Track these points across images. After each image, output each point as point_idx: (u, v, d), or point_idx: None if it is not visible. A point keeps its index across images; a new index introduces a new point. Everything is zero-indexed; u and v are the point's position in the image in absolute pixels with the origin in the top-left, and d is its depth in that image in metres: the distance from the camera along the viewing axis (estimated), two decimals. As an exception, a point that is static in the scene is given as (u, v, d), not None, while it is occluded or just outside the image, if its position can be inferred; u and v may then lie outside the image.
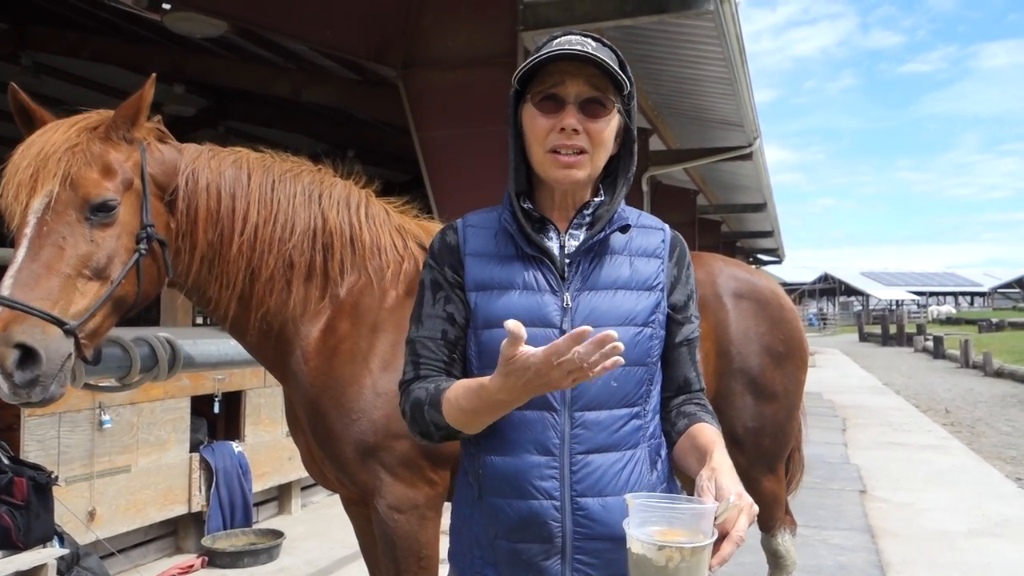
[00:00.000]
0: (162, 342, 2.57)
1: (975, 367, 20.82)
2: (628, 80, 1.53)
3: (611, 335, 1.23)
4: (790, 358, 3.05)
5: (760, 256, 28.26)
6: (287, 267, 2.30)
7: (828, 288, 78.87)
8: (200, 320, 8.39)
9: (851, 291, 77.64)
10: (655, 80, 8.15)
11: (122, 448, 4.67)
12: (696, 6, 5.55)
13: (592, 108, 1.50)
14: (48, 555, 3.76)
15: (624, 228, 1.59)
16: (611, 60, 1.50)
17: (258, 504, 5.89)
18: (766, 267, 31.84)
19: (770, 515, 3.15)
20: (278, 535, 5.29)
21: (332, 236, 2.35)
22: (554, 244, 1.58)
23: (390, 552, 2.28)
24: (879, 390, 15.89)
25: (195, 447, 5.25)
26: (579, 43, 1.49)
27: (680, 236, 1.70)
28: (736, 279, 3.04)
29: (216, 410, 5.37)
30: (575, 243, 1.58)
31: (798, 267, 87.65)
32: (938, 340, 25.97)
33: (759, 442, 2.99)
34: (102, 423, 4.50)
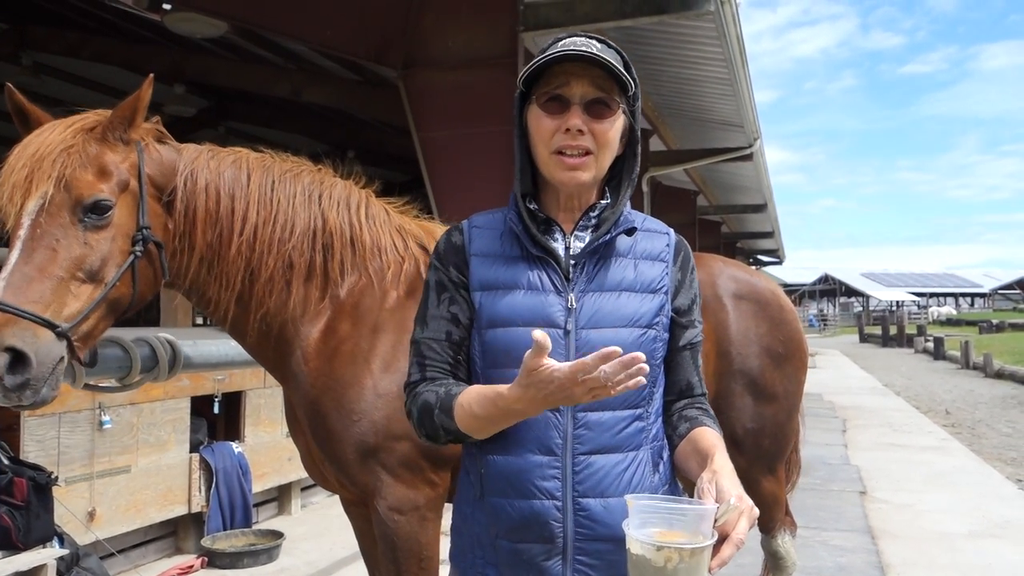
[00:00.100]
0: (162, 342, 2.57)
1: (975, 368, 20.80)
2: (633, 81, 1.53)
3: (639, 356, 1.24)
4: (790, 359, 3.05)
5: (760, 257, 28.26)
6: (287, 268, 2.29)
7: (828, 289, 78.86)
8: (200, 320, 8.38)
9: (851, 292, 77.63)
10: (655, 81, 8.15)
11: (122, 448, 4.67)
12: (696, 7, 5.55)
13: (597, 109, 1.51)
14: (48, 555, 3.76)
15: (630, 231, 1.60)
16: (616, 61, 1.50)
17: (258, 505, 5.89)
18: (766, 268, 31.85)
19: (770, 516, 3.15)
20: (278, 536, 5.29)
21: (332, 236, 2.34)
22: (559, 245, 1.58)
23: (390, 553, 2.28)
24: (879, 391, 15.88)
25: (195, 447, 5.25)
26: (584, 44, 1.49)
27: (684, 241, 1.70)
28: (736, 280, 3.03)
29: (216, 410, 5.37)
30: (580, 245, 1.58)
31: (798, 268, 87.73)
32: (938, 341, 25.96)
33: (759, 443, 2.99)
34: (102, 423, 4.50)
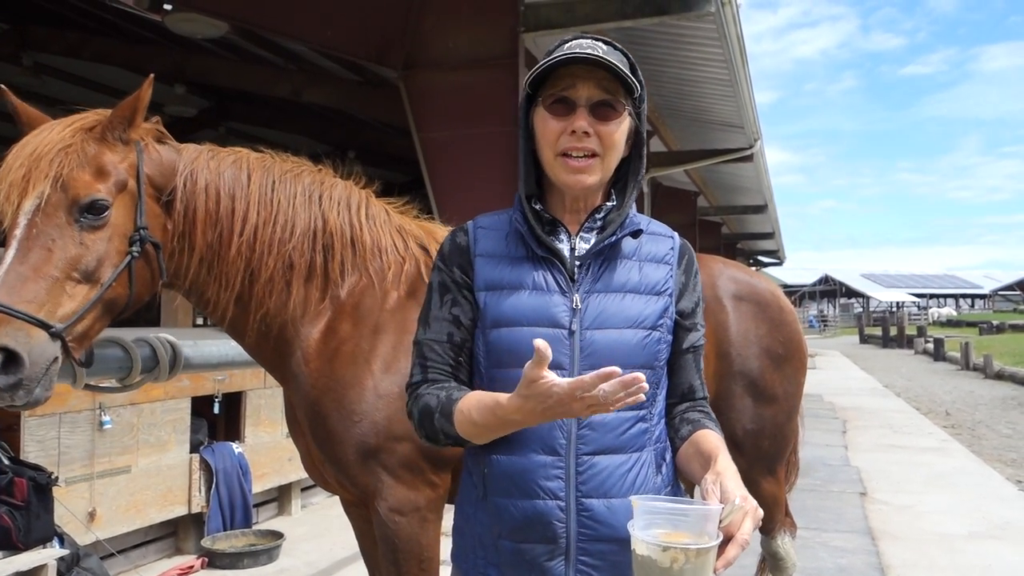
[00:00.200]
0: (163, 343, 2.56)
1: (976, 369, 20.78)
2: (639, 83, 1.53)
3: (639, 377, 1.25)
4: (790, 360, 3.05)
5: (761, 258, 28.27)
6: (287, 268, 2.28)
7: (828, 290, 78.85)
8: (200, 321, 8.39)
9: (851, 293, 77.62)
10: (656, 82, 8.15)
11: (122, 449, 4.66)
12: (697, 8, 5.55)
13: (603, 111, 1.51)
14: (48, 556, 3.76)
15: (636, 233, 1.60)
16: (622, 64, 1.50)
17: (258, 505, 5.89)
18: (766, 269, 31.85)
19: (770, 517, 3.14)
20: (278, 536, 5.29)
21: (332, 237, 2.33)
22: (564, 246, 1.58)
23: (391, 554, 2.28)
24: (880, 392, 15.87)
25: (195, 448, 5.25)
26: (590, 47, 1.49)
27: (689, 244, 1.70)
28: (736, 281, 3.03)
29: (216, 411, 5.37)
30: (585, 246, 1.58)
31: (798, 269, 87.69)
32: (939, 342, 25.94)
33: (758, 444, 2.99)
34: (102, 424, 4.50)
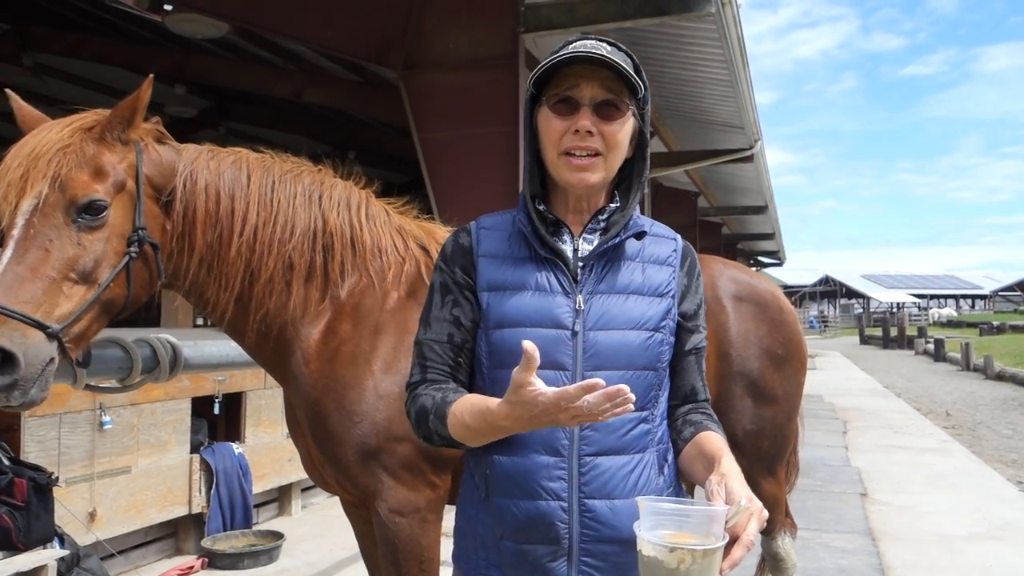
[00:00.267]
0: (163, 343, 2.56)
1: (976, 370, 20.77)
2: (643, 84, 1.53)
3: (623, 389, 1.24)
4: (790, 361, 3.05)
5: (761, 258, 28.28)
6: (287, 269, 2.28)
7: (829, 290, 78.84)
8: (201, 321, 8.38)
9: (852, 293, 77.62)
10: (656, 82, 8.16)
11: (122, 449, 4.66)
12: (697, 8, 5.55)
13: (607, 111, 1.51)
14: (48, 556, 3.76)
15: (639, 235, 1.60)
16: (626, 64, 1.50)
17: (258, 505, 5.89)
18: (767, 269, 31.86)
19: (770, 518, 3.13)
20: (278, 536, 5.29)
21: (332, 237, 2.33)
22: (567, 247, 1.58)
23: (391, 555, 2.28)
24: (880, 393, 15.86)
25: (195, 448, 5.25)
26: (594, 47, 1.49)
27: (691, 247, 1.71)
28: (736, 282, 3.03)
29: (216, 411, 5.37)
30: (589, 247, 1.58)
31: (799, 269, 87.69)
32: (939, 343, 25.93)
33: (758, 444, 2.99)
34: (102, 424, 4.50)
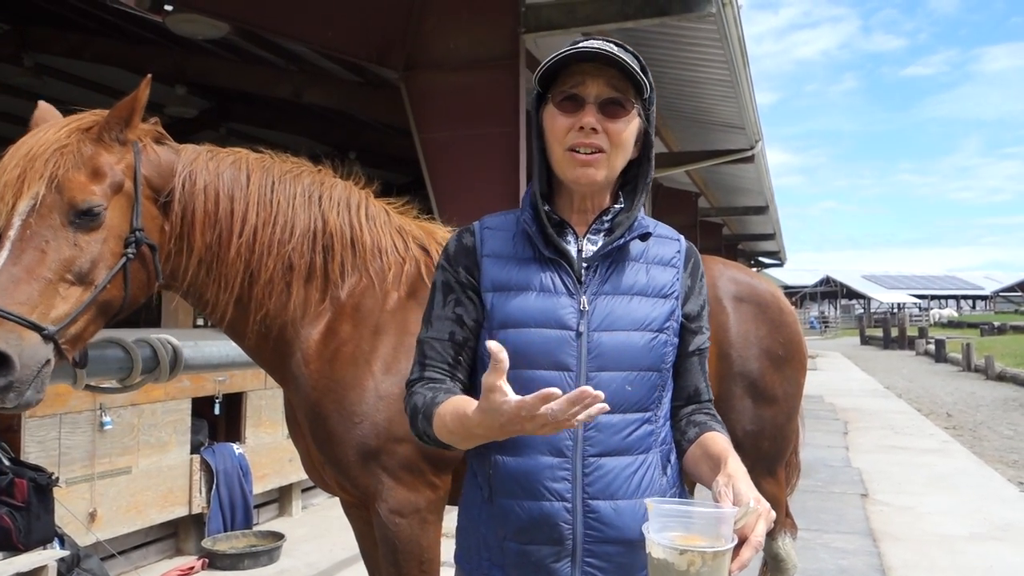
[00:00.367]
0: (164, 343, 2.56)
1: (977, 371, 20.75)
2: (649, 84, 1.53)
3: (586, 391, 1.22)
4: (790, 361, 3.05)
5: (761, 259, 28.28)
6: (287, 269, 2.27)
7: (829, 291, 78.80)
8: (201, 321, 8.39)
9: (852, 294, 77.56)
10: (657, 83, 8.08)
11: (123, 449, 4.66)
12: (698, 9, 5.55)
13: (611, 109, 1.51)
14: (48, 556, 3.76)
15: (644, 236, 1.59)
16: (633, 64, 1.50)
17: (259, 506, 5.89)
18: (767, 270, 31.86)
19: (771, 518, 3.14)
20: (279, 537, 5.29)
21: (332, 238, 2.32)
22: (572, 248, 1.58)
23: (391, 556, 2.27)
24: (881, 393, 15.85)
25: (196, 449, 5.25)
26: (601, 46, 1.50)
27: (695, 247, 1.71)
28: (736, 282, 3.03)
29: (217, 412, 5.37)
30: (593, 248, 1.58)
31: (799, 270, 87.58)
32: (940, 343, 25.90)
33: (758, 445, 2.99)
34: (103, 424, 4.50)
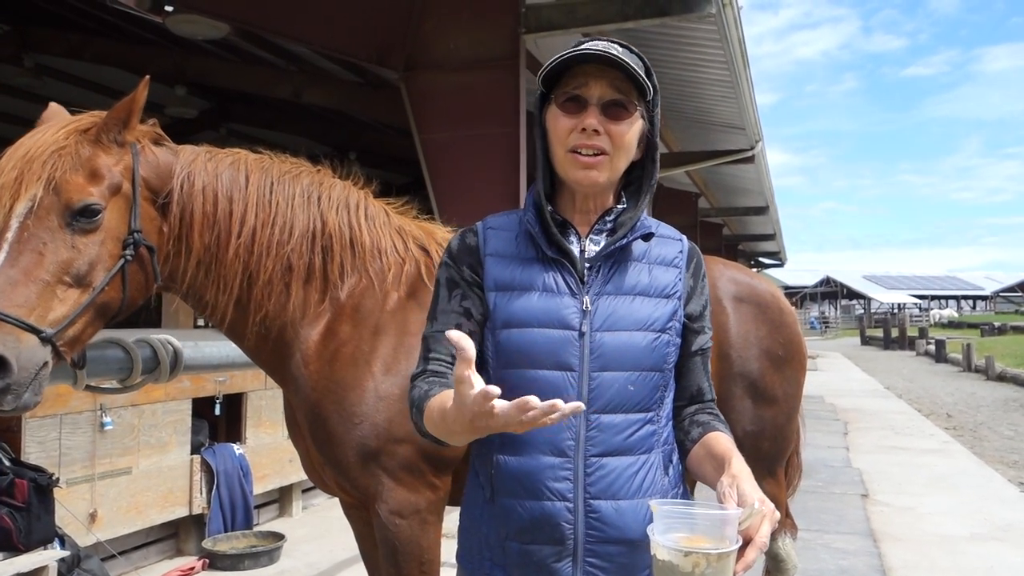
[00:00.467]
0: (164, 344, 2.56)
1: (977, 371, 20.74)
2: (653, 86, 1.53)
3: (527, 402, 1.17)
4: (790, 362, 3.05)
5: (762, 259, 28.28)
6: (286, 270, 2.27)
7: (830, 291, 78.78)
8: (201, 322, 8.39)
9: (853, 294, 77.54)
10: (658, 83, 8.17)
11: (123, 450, 4.67)
12: (698, 9, 5.55)
13: (614, 111, 1.51)
14: (49, 557, 3.76)
15: (647, 236, 1.59)
16: (637, 66, 1.50)
17: (259, 506, 5.89)
18: (768, 270, 31.85)
19: (771, 519, 3.14)
20: (279, 537, 5.29)
21: (332, 238, 2.32)
22: (574, 248, 1.58)
23: (391, 557, 2.27)
24: (881, 394, 15.85)
25: (196, 449, 5.25)
26: (605, 47, 1.50)
27: (697, 248, 1.71)
28: (736, 282, 3.03)
29: (217, 412, 5.37)
30: (595, 248, 1.58)
31: (800, 270, 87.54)
32: (940, 344, 25.89)
33: (758, 445, 2.98)
34: (103, 425, 4.50)
